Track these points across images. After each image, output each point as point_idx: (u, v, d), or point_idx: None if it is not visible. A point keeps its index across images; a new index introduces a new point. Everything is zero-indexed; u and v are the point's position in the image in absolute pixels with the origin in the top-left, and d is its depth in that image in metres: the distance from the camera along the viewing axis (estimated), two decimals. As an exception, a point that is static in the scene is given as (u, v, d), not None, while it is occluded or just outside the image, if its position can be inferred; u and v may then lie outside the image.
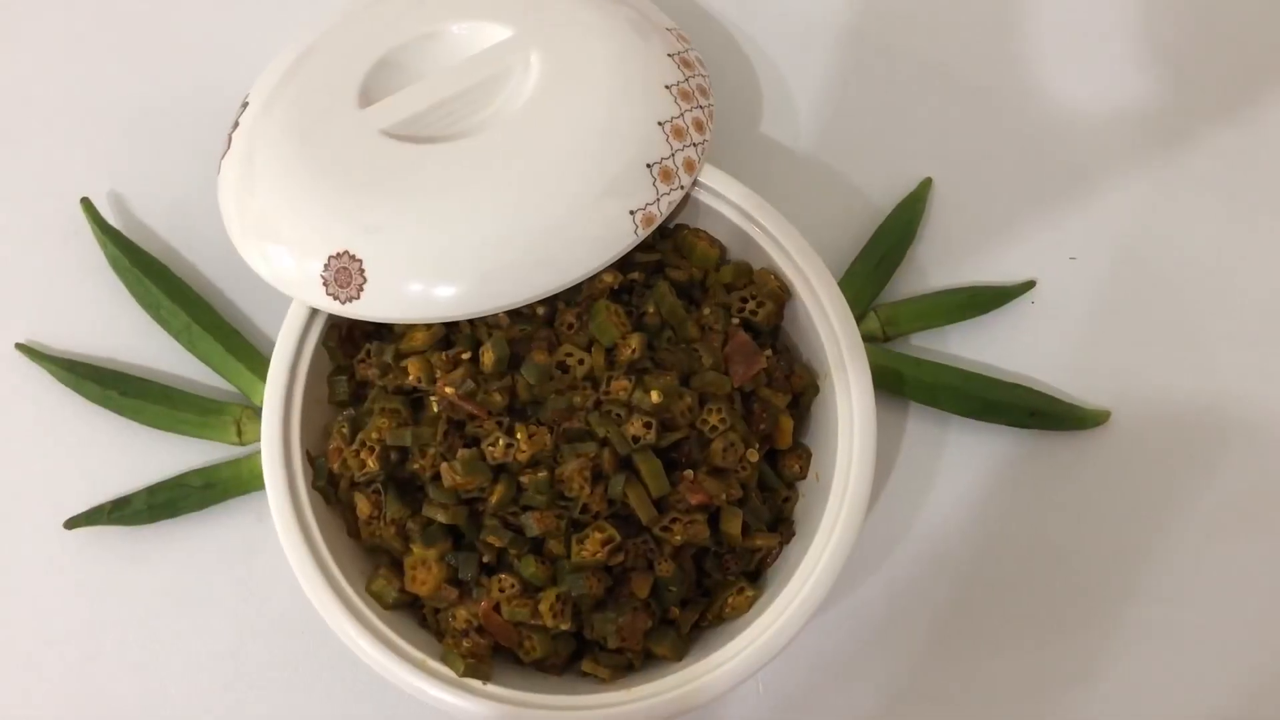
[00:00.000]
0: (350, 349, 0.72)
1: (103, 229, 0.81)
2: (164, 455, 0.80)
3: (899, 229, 0.83)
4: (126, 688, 0.76)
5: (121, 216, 0.84)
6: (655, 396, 0.66)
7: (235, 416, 0.80)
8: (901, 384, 0.80)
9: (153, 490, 0.79)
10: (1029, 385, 0.80)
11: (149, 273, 0.80)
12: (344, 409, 0.71)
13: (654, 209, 0.68)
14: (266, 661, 0.77)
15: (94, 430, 0.80)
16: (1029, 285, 0.84)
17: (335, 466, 0.69)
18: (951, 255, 0.84)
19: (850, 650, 0.77)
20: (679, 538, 0.67)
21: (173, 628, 0.78)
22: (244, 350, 0.80)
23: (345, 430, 0.69)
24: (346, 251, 0.67)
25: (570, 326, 0.68)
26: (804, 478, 0.74)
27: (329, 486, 0.70)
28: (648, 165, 0.67)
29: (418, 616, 0.70)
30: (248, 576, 0.79)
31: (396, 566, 0.69)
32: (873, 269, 0.82)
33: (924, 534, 0.80)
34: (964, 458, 0.81)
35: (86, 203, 0.81)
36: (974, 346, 0.83)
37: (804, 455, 0.74)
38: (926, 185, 0.85)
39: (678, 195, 0.68)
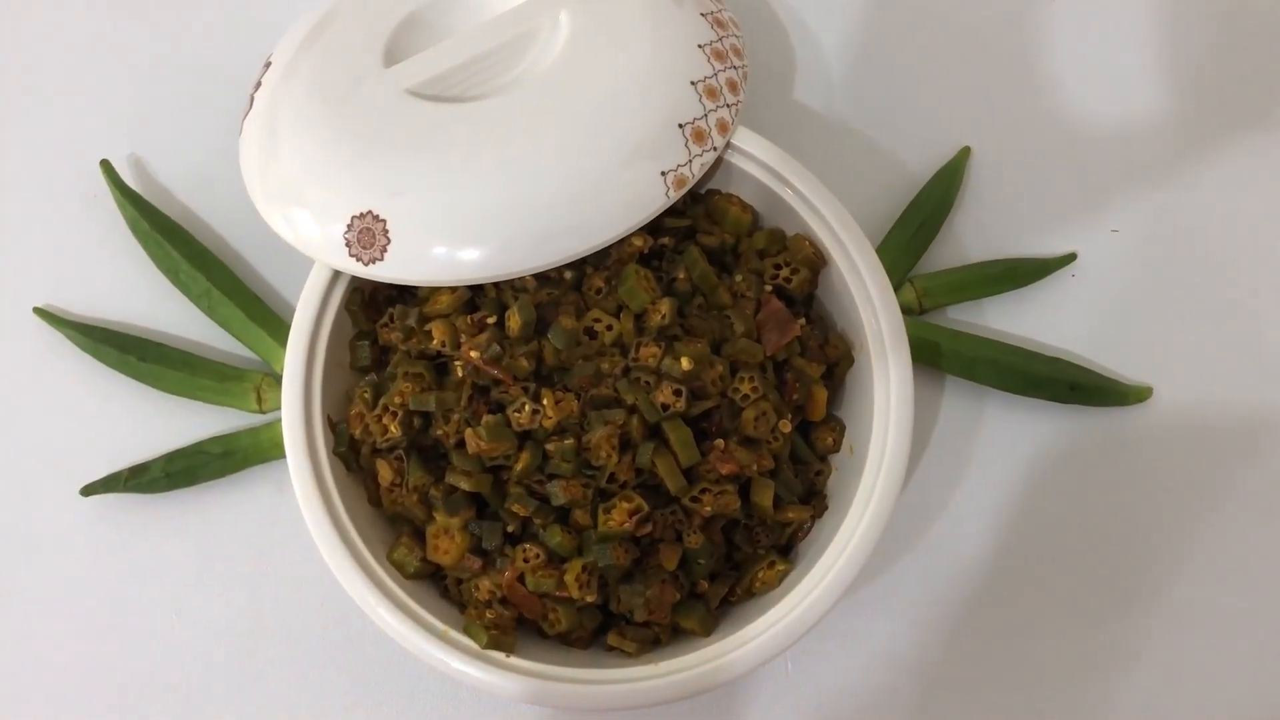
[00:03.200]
0: (373, 313, 0.70)
1: (122, 192, 0.79)
2: (183, 422, 0.78)
3: (936, 198, 0.81)
4: (141, 658, 0.75)
5: (141, 179, 0.83)
6: (685, 363, 0.64)
7: (255, 383, 0.78)
8: (938, 357, 0.78)
9: (171, 458, 0.77)
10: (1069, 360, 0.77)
11: (169, 236, 0.78)
12: (366, 374, 0.69)
13: (686, 170, 0.66)
14: (284, 635, 0.76)
15: (112, 396, 0.78)
16: (1069, 258, 0.81)
17: (357, 432, 0.67)
18: (990, 226, 0.82)
19: (882, 630, 0.75)
20: (708, 509, 0.65)
21: (189, 598, 0.76)
22: (265, 316, 0.78)
23: (368, 395, 0.67)
24: (370, 212, 0.65)
25: (599, 291, 0.66)
26: (837, 450, 0.72)
27: (350, 453, 0.68)
28: (679, 126, 0.66)
29: (440, 587, 0.69)
30: (267, 548, 0.78)
31: (418, 535, 0.67)
32: (909, 239, 0.80)
33: (959, 511, 0.78)
34: (1001, 434, 0.78)
35: (106, 165, 0.80)
36: (1012, 320, 0.81)
37: (837, 428, 0.72)
38: (965, 154, 0.83)
39: (710, 157, 0.67)
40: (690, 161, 0.66)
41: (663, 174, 0.66)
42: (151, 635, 0.76)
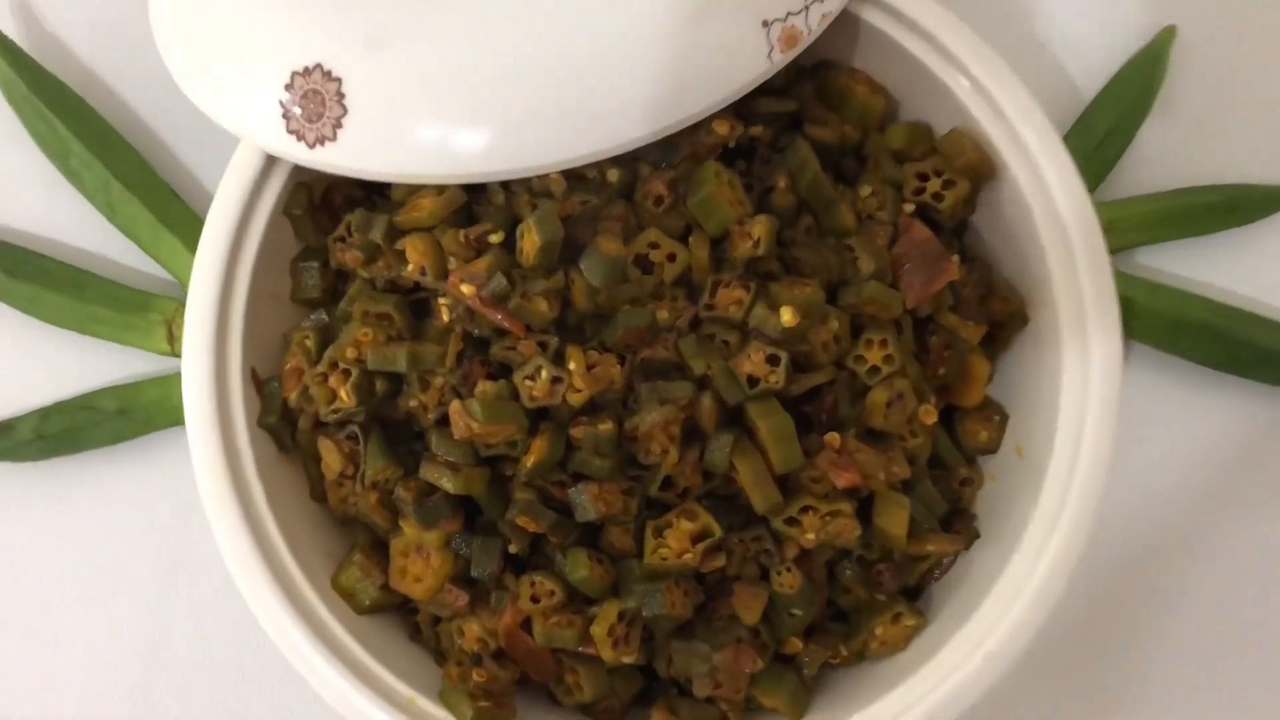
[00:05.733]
0: (325, 222, 0.59)
1: (-2, 42, 0.66)
2: (66, 365, 0.68)
3: (1128, 99, 0.68)
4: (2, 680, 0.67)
5: (28, 29, 0.71)
6: (787, 316, 0.52)
7: (166, 315, 0.67)
8: (1130, 317, 0.64)
9: (46, 414, 0.67)
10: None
11: (57, 106, 0.67)
12: (314, 312, 0.59)
13: (800, 23, 0.54)
14: (196, 662, 0.67)
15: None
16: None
17: (293, 397, 0.57)
18: (1200, 139, 0.70)
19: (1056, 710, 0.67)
20: (811, 536, 0.54)
21: (66, 606, 0.67)
22: (182, 220, 0.67)
23: (310, 343, 0.57)
24: (319, 66, 0.53)
25: (658, 201, 0.54)
26: (994, 451, 0.60)
27: (283, 425, 0.58)
28: (792, -46, 0.53)
29: (407, 626, 0.60)
30: (178, 541, 0.68)
31: (378, 550, 0.58)
32: (1089, 154, 0.67)
33: (1143, 523, 0.68)
34: (1206, 424, 0.68)
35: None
36: (1229, 271, 0.69)
37: (996, 419, 0.60)
38: (1168, 38, 0.69)
39: (834, 6, 0.54)
40: (806, 9, 0.54)
41: (765, 24, 0.53)
42: (11, 657, 0.67)
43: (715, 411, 0.54)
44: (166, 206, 0.68)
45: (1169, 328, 0.67)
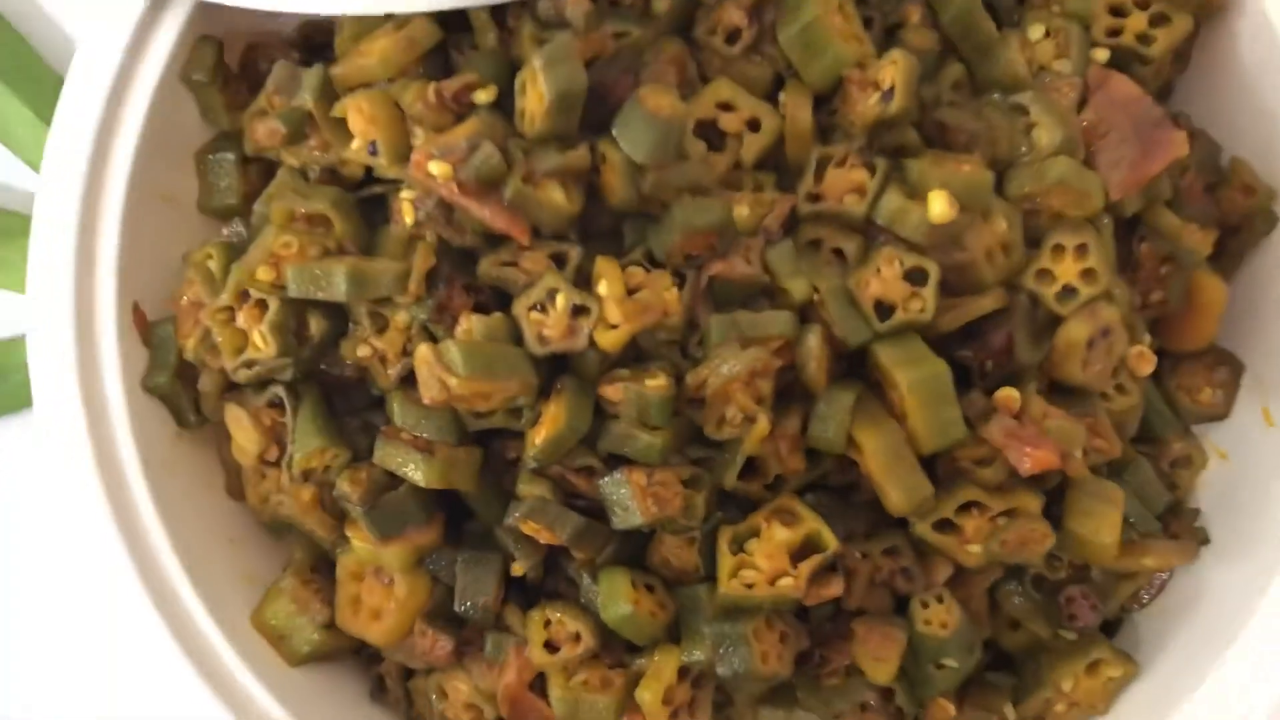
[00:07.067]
0: (245, 95, 0.50)
1: None
2: None
3: None
4: None
5: None
6: (938, 207, 0.42)
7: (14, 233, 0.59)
8: None
9: None
10: None
11: None
12: (231, 221, 0.51)
13: None
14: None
15: None
16: None
17: (190, 344, 0.48)
18: None
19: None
20: (976, 549, 0.44)
21: None
22: (35, 79, 0.59)
23: (215, 265, 0.48)
24: None
25: (732, 37, 0.46)
26: (1222, 415, 0.50)
27: (179, 387, 0.49)
28: None
29: (366, 682, 0.52)
30: (15, 540, 0.59)
31: (322, 571, 0.49)
32: None
33: None
34: None
35: None
36: None
37: (1225, 371, 0.51)
38: None
39: None
40: None
41: None
42: None
43: (826, 358, 0.44)
44: (17, 58, 0.60)
45: None
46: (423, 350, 0.43)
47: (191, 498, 0.50)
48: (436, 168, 0.42)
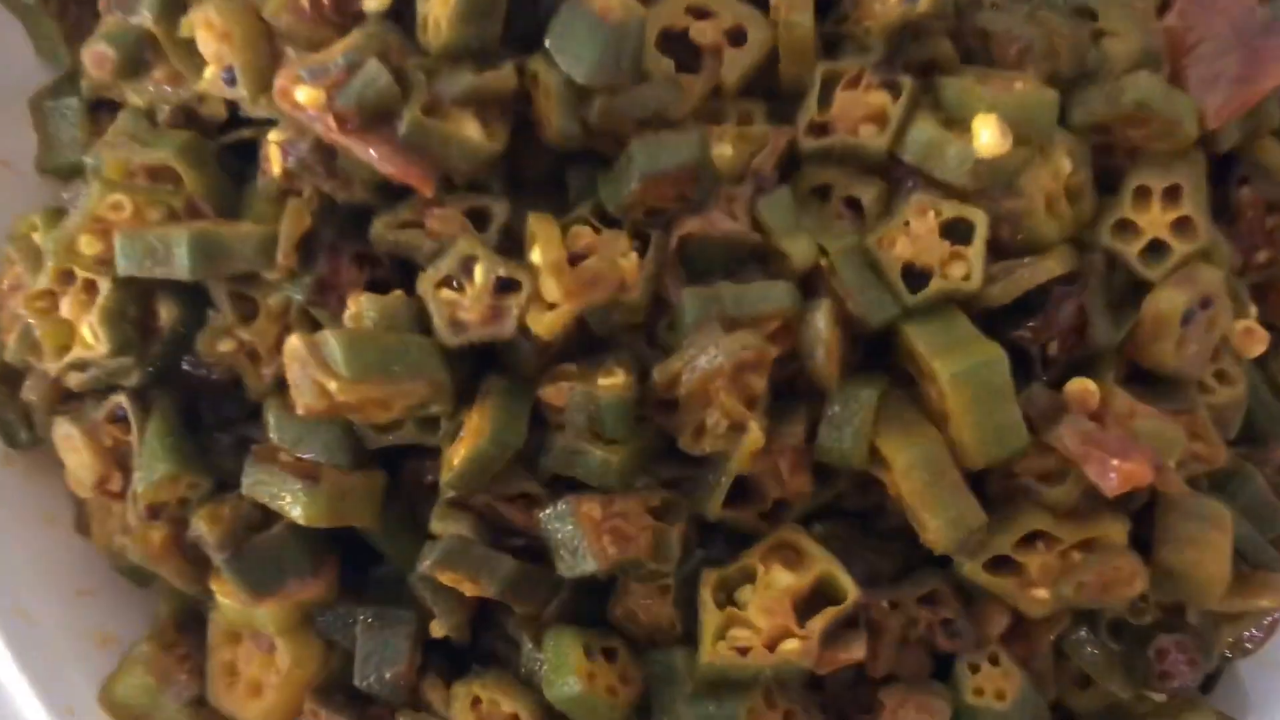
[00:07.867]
0: (89, 23, 0.43)
1: None
2: None
3: None
4: None
5: None
6: (987, 138, 0.35)
7: None
8: None
9: None
10: None
11: None
12: (71, 182, 0.43)
13: None
14: None
15: None
16: None
17: (11, 341, 0.41)
18: None
19: None
20: (1043, 594, 0.36)
21: None
22: None
23: (40, 236, 0.42)
24: None
25: None
26: None
27: (3, 394, 0.43)
28: None
29: None
30: None
31: (191, 630, 0.42)
32: None
33: None
34: None
35: None
36: None
37: None
38: None
39: None
40: None
41: None
42: None
43: (839, 343, 0.36)
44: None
45: None
46: (292, 343, 0.34)
47: (23, 538, 0.42)
48: (305, 94, 0.34)
